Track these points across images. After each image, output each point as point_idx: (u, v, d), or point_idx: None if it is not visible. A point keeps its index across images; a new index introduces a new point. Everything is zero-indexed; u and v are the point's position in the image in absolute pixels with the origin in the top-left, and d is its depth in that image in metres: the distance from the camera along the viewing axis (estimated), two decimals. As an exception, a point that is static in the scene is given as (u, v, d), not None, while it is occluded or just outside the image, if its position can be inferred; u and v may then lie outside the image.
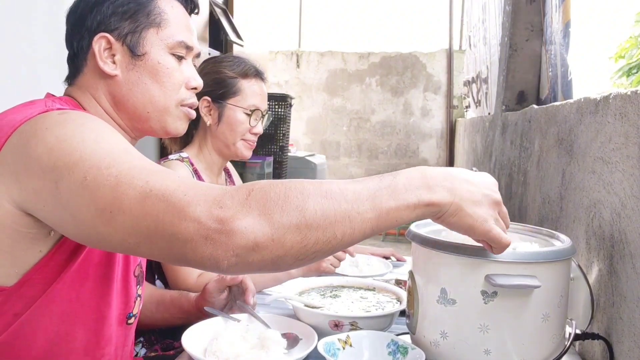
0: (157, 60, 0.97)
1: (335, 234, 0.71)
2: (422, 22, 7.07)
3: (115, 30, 0.95)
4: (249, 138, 1.59)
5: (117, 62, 0.96)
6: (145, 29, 0.97)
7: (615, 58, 4.10)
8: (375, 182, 0.77)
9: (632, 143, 0.97)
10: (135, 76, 0.97)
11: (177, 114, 1.02)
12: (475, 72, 4.37)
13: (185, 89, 1.02)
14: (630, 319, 0.94)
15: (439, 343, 0.94)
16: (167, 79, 0.99)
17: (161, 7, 0.99)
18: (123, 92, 0.97)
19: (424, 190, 0.78)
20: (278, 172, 3.47)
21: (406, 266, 1.76)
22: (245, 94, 1.56)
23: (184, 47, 1.01)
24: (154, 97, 0.98)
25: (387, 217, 0.75)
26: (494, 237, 0.83)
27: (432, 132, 6.49)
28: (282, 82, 6.73)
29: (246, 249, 0.67)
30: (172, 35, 0.99)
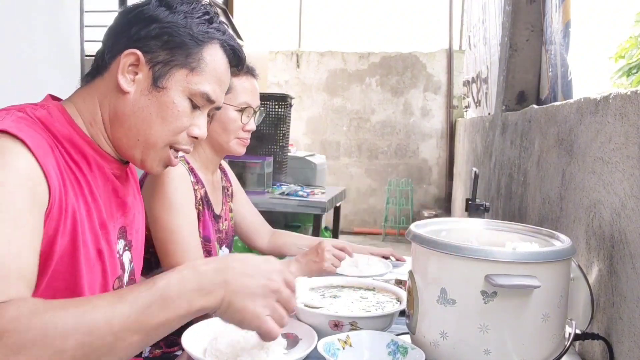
0: (172, 100, 0.97)
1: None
2: (422, 22, 7.07)
3: (149, 53, 0.95)
4: (242, 136, 1.58)
5: (136, 81, 0.95)
6: (178, 67, 0.96)
7: (615, 58, 4.10)
8: (147, 294, 0.75)
9: (632, 143, 0.97)
10: (145, 103, 0.96)
11: (161, 155, 1.01)
12: (475, 72, 4.37)
13: (186, 135, 1.01)
14: (630, 319, 0.94)
15: (438, 343, 0.94)
16: (172, 120, 0.97)
17: (204, 54, 0.98)
18: (126, 111, 0.96)
19: (196, 295, 0.78)
20: (278, 172, 3.47)
21: (406, 266, 1.76)
22: (236, 92, 1.55)
23: (205, 99, 1.00)
24: (151, 129, 0.97)
25: (157, 332, 0.76)
26: (264, 331, 0.84)
27: (432, 132, 6.49)
28: (282, 82, 6.74)
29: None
30: (199, 84, 0.98)
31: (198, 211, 1.50)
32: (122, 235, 1.04)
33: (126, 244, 1.06)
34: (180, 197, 1.44)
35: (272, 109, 3.38)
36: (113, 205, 1.01)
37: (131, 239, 1.08)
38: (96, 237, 0.93)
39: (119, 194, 1.02)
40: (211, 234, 1.55)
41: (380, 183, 6.59)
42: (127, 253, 1.06)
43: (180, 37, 0.96)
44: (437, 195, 6.55)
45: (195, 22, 0.97)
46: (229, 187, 1.77)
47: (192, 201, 1.48)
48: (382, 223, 6.40)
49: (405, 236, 1.06)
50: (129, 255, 1.07)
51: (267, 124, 3.37)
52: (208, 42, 0.99)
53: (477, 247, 0.89)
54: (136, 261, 1.11)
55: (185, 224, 1.43)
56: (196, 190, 1.51)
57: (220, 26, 1.02)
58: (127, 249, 1.06)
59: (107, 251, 0.96)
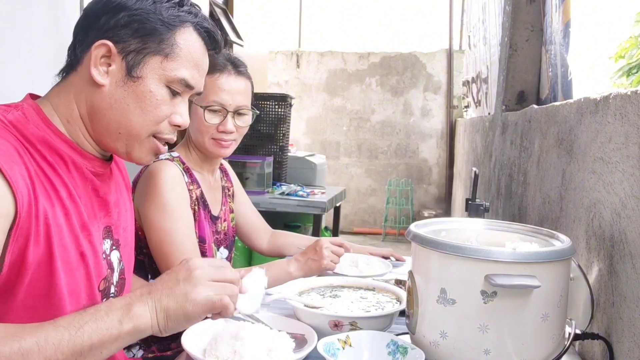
0: (149, 88, 0.94)
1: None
2: (422, 22, 7.06)
3: (120, 43, 0.92)
4: (217, 136, 1.50)
5: (110, 72, 0.93)
6: (151, 55, 0.93)
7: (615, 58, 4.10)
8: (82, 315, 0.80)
9: (632, 143, 0.97)
10: (122, 94, 0.93)
11: (147, 145, 0.98)
12: (475, 72, 4.37)
13: (168, 124, 0.98)
14: (630, 319, 0.94)
15: (438, 343, 0.94)
16: (151, 109, 0.95)
17: (177, 39, 0.95)
18: (103, 105, 0.93)
19: (124, 311, 0.82)
20: (278, 172, 3.47)
21: (406, 266, 1.76)
22: (206, 91, 1.43)
23: (183, 85, 0.97)
24: (131, 121, 0.94)
25: (90, 353, 0.79)
26: (219, 307, 0.87)
27: (432, 132, 6.49)
28: (282, 82, 6.74)
29: None
30: (175, 70, 0.95)
31: (193, 211, 1.49)
32: (107, 234, 1.02)
33: (113, 243, 1.04)
34: (175, 197, 1.41)
35: (272, 109, 3.38)
36: (95, 206, 0.98)
37: (118, 238, 1.06)
38: (77, 240, 0.91)
39: (100, 193, 1.00)
40: (207, 235, 1.53)
41: (380, 183, 6.59)
42: (115, 252, 1.04)
43: (150, 24, 0.93)
44: (437, 195, 6.55)
45: (164, 6, 0.95)
46: (230, 187, 1.75)
47: (187, 201, 1.46)
48: (382, 223, 6.40)
49: (405, 236, 1.06)
50: (118, 254, 1.05)
51: (267, 124, 3.37)
52: (180, 25, 0.95)
53: (477, 247, 0.89)
54: (126, 259, 1.09)
55: (181, 225, 1.40)
56: (191, 191, 1.49)
57: (192, 8, 0.99)
58: (114, 248, 1.04)
59: (91, 253, 0.94)
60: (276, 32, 6.27)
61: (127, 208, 1.11)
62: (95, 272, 0.96)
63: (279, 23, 6.53)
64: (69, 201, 0.90)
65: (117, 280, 1.05)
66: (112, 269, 1.02)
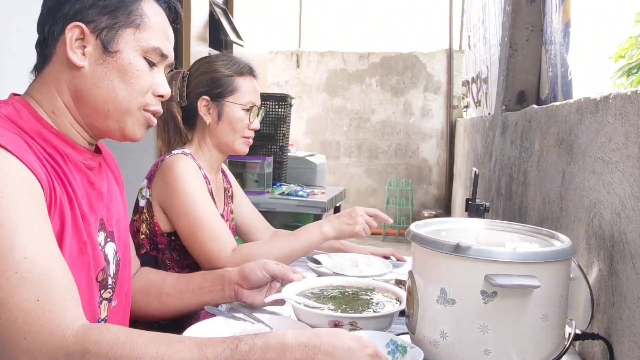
0: (128, 60, 0.95)
1: None
2: (422, 22, 7.07)
3: (91, 23, 0.93)
4: (247, 134, 1.63)
5: (87, 54, 0.93)
6: (123, 28, 0.95)
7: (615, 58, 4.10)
8: (228, 354, 0.75)
9: (632, 143, 0.97)
10: (103, 72, 0.94)
11: (138, 118, 0.99)
12: (475, 72, 4.37)
13: (152, 95, 1.00)
14: (630, 319, 0.94)
15: (438, 343, 0.94)
16: (135, 80, 0.96)
17: (143, 9, 0.97)
18: (87, 86, 0.94)
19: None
20: (278, 172, 3.46)
21: (406, 266, 1.76)
22: (242, 92, 1.60)
23: (158, 54, 0.99)
24: (118, 96, 0.96)
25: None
26: None
27: (432, 132, 6.49)
28: (282, 82, 6.74)
29: None
30: (149, 39, 0.97)
31: None
32: (101, 227, 1.02)
33: (107, 235, 1.04)
34: (195, 184, 1.46)
35: (272, 109, 3.38)
36: (92, 198, 0.99)
37: (112, 230, 1.06)
38: (79, 229, 0.92)
39: (95, 185, 1.01)
40: None
41: (380, 183, 6.59)
42: (110, 244, 1.05)
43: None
44: (437, 195, 6.55)
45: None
46: (229, 188, 1.78)
47: (206, 188, 1.51)
48: (382, 223, 6.38)
49: (405, 236, 1.06)
50: (113, 246, 1.06)
51: (267, 124, 3.37)
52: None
53: (477, 247, 0.89)
54: (122, 252, 1.09)
55: (206, 207, 1.45)
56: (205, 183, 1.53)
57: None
58: (109, 241, 1.04)
59: (90, 243, 0.95)
60: (276, 32, 6.27)
61: (118, 200, 1.12)
62: (94, 263, 0.97)
63: (279, 23, 6.53)
64: (71, 190, 0.92)
65: (114, 272, 1.05)
66: (107, 262, 1.02)
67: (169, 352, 0.73)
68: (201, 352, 0.74)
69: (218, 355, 0.75)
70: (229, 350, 0.76)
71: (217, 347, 0.76)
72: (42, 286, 0.74)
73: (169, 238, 1.51)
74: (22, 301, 0.72)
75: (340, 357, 0.79)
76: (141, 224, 1.51)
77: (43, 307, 0.73)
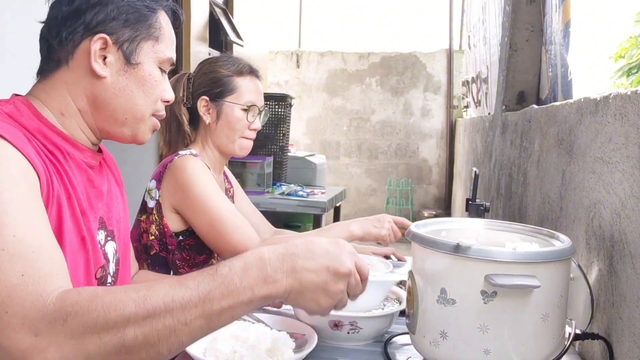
0: (148, 72, 1.00)
1: (160, 351, 0.71)
2: (422, 22, 7.07)
3: (114, 34, 0.96)
4: (248, 135, 1.62)
5: (109, 64, 0.97)
6: (144, 40, 0.99)
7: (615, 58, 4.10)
8: (208, 280, 0.74)
9: (632, 143, 0.97)
10: (124, 82, 0.98)
11: (149, 124, 1.05)
12: (475, 72, 4.37)
13: (160, 101, 1.05)
14: (630, 319, 0.94)
15: (438, 343, 0.94)
16: (152, 90, 1.02)
17: (161, 22, 1.02)
18: (108, 95, 0.98)
19: (260, 282, 0.75)
20: (278, 172, 3.46)
21: (406, 266, 1.76)
22: (242, 91, 1.59)
23: (169, 64, 1.05)
24: (137, 105, 1.00)
25: (220, 318, 0.74)
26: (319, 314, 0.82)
27: (432, 132, 6.49)
28: (282, 82, 6.73)
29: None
30: (164, 51, 1.03)
31: None
32: (101, 225, 1.03)
33: (107, 234, 1.05)
34: (207, 182, 1.47)
35: (272, 109, 3.38)
36: (91, 196, 1.00)
37: (112, 229, 1.07)
38: (78, 224, 0.93)
39: (95, 183, 1.02)
40: None
41: (380, 183, 6.59)
42: (110, 243, 1.05)
43: (138, 12, 0.99)
44: (437, 195, 6.55)
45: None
46: (230, 188, 1.79)
47: (217, 186, 1.51)
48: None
49: (405, 236, 1.06)
50: (114, 245, 1.07)
51: (267, 124, 3.36)
52: (159, 8, 1.03)
53: (477, 247, 0.89)
54: (122, 252, 1.10)
55: (222, 202, 1.47)
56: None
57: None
58: (109, 239, 1.05)
59: (89, 240, 0.96)
60: (276, 32, 6.27)
61: (118, 201, 1.13)
62: (94, 259, 0.97)
63: (279, 23, 6.53)
64: (70, 187, 0.93)
65: (114, 271, 1.05)
66: (107, 260, 1.03)
67: (150, 293, 0.72)
68: (182, 285, 0.73)
69: (199, 284, 0.74)
70: (209, 276, 0.75)
71: (198, 277, 0.75)
72: (28, 262, 0.73)
73: (177, 238, 1.51)
74: (6, 277, 0.71)
75: (319, 259, 0.79)
76: (150, 225, 1.51)
77: (27, 281, 0.71)
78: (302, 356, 1.01)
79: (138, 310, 0.70)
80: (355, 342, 1.14)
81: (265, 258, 0.77)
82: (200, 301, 0.72)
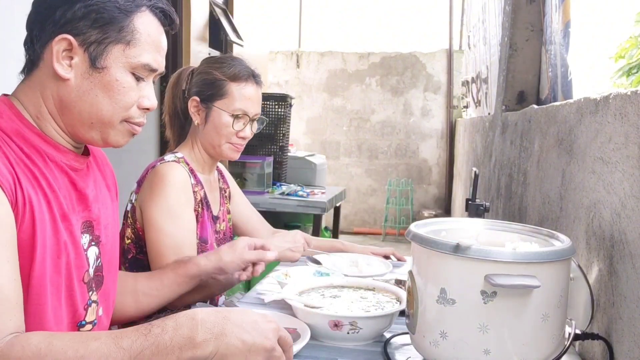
0: (115, 77, 0.94)
1: None
2: (422, 22, 7.07)
3: (80, 35, 0.91)
4: (235, 141, 1.56)
5: (74, 65, 0.92)
6: (113, 44, 0.93)
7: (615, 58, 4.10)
8: (142, 340, 0.79)
9: (632, 143, 0.97)
10: (88, 86, 0.93)
11: (121, 129, 0.99)
12: (475, 72, 4.37)
13: (137, 108, 0.99)
14: (630, 319, 0.94)
15: (438, 343, 0.94)
16: (119, 97, 0.95)
17: (135, 25, 0.95)
18: (71, 97, 0.93)
19: (188, 343, 0.80)
20: (278, 172, 3.47)
21: (406, 266, 1.76)
22: (233, 97, 1.53)
23: (147, 70, 0.98)
24: (102, 111, 0.95)
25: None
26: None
27: (432, 132, 6.49)
28: (282, 82, 6.73)
29: None
30: (138, 56, 0.95)
31: (197, 213, 1.50)
32: (87, 229, 1.01)
33: (92, 238, 1.03)
34: (181, 202, 1.43)
35: (272, 109, 3.39)
36: (73, 198, 0.98)
37: (99, 234, 1.05)
38: (58, 229, 0.91)
39: (78, 186, 0.99)
40: (209, 235, 1.54)
41: (380, 183, 6.59)
42: (93, 248, 1.03)
43: (108, 13, 0.92)
44: (437, 195, 6.55)
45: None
46: (227, 188, 1.77)
47: (191, 206, 1.47)
48: (382, 223, 6.40)
49: (405, 236, 1.06)
50: (96, 250, 1.04)
51: (267, 124, 3.37)
52: (136, 10, 0.95)
53: (477, 247, 0.89)
54: (105, 258, 1.07)
55: (181, 229, 1.42)
56: (196, 192, 1.51)
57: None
58: (93, 244, 1.03)
59: (71, 244, 0.94)
60: (276, 32, 6.27)
61: (108, 206, 1.10)
62: (76, 264, 0.96)
63: (279, 23, 6.53)
64: (49, 190, 0.90)
65: (91, 276, 1.03)
66: (88, 265, 1.01)
67: (87, 353, 0.76)
68: (117, 345, 0.78)
69: (133, 344, 0.78)
70: (142, 336, 0.79)
71: (132, 336, 0.79)
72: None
73: None
74: None
75: (248, 328, 0.84)
76: (127, 229, 1.49)
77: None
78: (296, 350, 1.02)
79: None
80: (355, 342, 1.14)
81: (197, 319, 0.82)
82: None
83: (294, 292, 1.27)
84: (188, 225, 1.45)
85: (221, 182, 1.74)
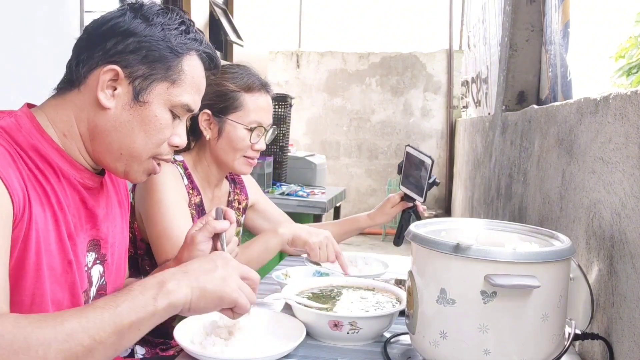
0: (154, 113, 0.96)
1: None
2: (422, 22, 7.07)
3: (128, 68, 0.93)
4: (250, 155, 1.51)
5: (116, 96, 0.94)
6: (158, 81, 0.95)
7: (615, 58, 4.10)
8: (115, 297, 0.81)
9: (632, 143, 0.97)
10: (127, 118, 0.95)
11: (145, 166, 1.01)
12: (475, 72, 4.37)
13: (167, 145, 1.01)
14: (630, 319, 0.94)
15: (438, 343, 0.94)
16: (155, 133, 0.97)
17: (183, 66, 0.97)
18: (107, 126, 0.94)
19: (158, 288, 0.83)
20: (278, 172, 3.47)
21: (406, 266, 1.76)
22: (248, 109, 1.48)
23: (185, 109, 1.00)
24: (134, 143, 0.96)
25: (130, 332, 0.80)
26: (240, 304, 0.90)
27: (432, 132, 6.49)
28: (282, 82, 6.74)
29: None
30: (180, 95, 0.98)
31: (192, 216, 1.47)
32: (93, 248, 1.01)
33: (98, 257, 1.03)
34: (173, 194, 1.41)
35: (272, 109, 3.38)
36: (82, 216, 0.98)
37: (105, 253, 1.05)
38: (64, 248, 0.91)
39: (88, 205, 0.99)
40: None
41: (380, 183, 6.58)
42: (97, 267, 1.03)
43: (159, 51, 0.94)
44: (437, 195, 6.55)
45: (173, 33, 0.96)
46: (244, 200, 1.71)
47: (184, 199, 1.45)
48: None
49: (405, 236, 1.06)
50: (100, 269, 1.04)
51: (267, 124, 3.37)
52: (186, 53, 0.98)
53: (477, 247, 0.89)
54: (109, 277, 1.07)
55: (178, 219, 1.39)
56: (190, 194, 1.48)
57: (197, 35, 1.01)
58: (98, 263, 1.03)
59: (76, 262, 0.94)
60: (276, 32, 6.27)
61: (117, 224, 1.10)
62: (80, 283, 0.96)
63: (279, 23, 6.54)
64: (57, 208, 0.90)
65: (93, 295, 1.03)
66: (90, 283, 1.01)
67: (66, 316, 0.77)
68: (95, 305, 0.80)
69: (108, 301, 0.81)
70: (115, 294, 0.83)
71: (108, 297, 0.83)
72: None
73: (146, 244, 1.46)
74: None
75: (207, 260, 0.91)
76: None
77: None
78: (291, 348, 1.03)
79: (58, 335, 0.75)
80: (355, 342, 1.14)
81: (163, 274, 0.86)
82: (112, 318, 0.78)
83: (294, 292, 1.27)
84: (184, 216, 1.42)
85: (236, 194, 1.69)
